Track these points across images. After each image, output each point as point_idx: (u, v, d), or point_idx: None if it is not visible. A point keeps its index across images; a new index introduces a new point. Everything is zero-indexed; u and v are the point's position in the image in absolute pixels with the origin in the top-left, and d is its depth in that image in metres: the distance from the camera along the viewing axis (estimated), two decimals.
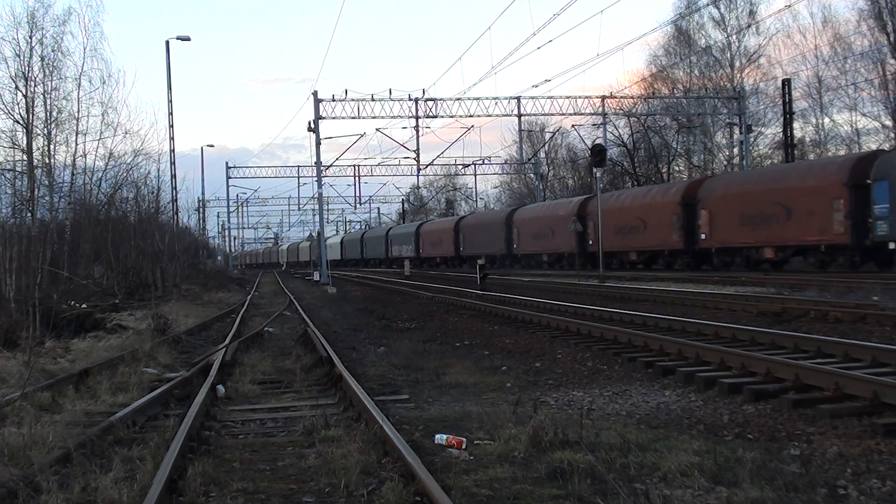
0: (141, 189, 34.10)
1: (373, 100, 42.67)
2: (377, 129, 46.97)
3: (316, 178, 47.06)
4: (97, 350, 13.36)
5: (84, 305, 18.97)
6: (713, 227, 30.72)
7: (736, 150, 50.94)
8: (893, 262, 23.34)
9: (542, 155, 69.79)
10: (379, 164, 62.80)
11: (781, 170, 32.90)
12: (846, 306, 14.30)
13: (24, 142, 26.37)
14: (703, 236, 31.38)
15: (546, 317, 15.65)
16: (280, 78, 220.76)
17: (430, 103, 43.07)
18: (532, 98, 43.64)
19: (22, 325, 13.52)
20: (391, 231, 75.42)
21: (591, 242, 37.71)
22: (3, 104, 26.26)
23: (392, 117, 43.52)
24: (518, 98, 43.58)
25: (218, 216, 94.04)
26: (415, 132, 43.66)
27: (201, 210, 70.66)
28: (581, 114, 46.05)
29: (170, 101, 39.78)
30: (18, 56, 26.50)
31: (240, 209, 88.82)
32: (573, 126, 53.08)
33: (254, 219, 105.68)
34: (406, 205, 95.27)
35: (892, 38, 42.77)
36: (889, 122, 44.37)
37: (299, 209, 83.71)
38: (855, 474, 5.40)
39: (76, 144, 28.53)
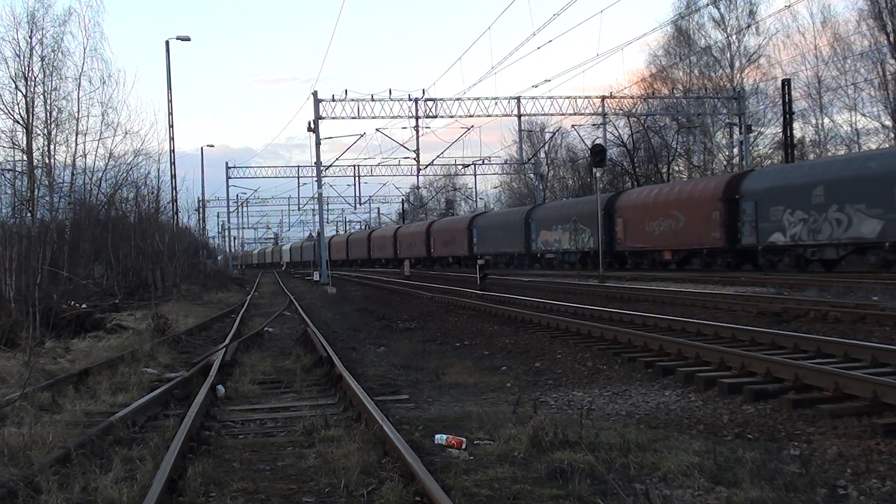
0: (141, 189, 34.12)
1: (373, 100, 42.62)
2: (377, 129, 46.95)
3: (316, 178, 47.04)
4: (97, 350, 13.36)
5: (84, 305, 18.97)
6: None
7: (736, 150, 50.96)
8: (471, 264, 45.39)
9: (542, 155, 69.86)
10: (379, 164, 62.84)
11: (451, 220, 66.29)
12: (846, 306, 14.29)
13: (24, 142, 26.29)
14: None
15: (546, 317, 15.65)
16: (285, 77, 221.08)
17: (430, 103, 43.03)
18: (532, 98, 43.61)
19: (22, 325, 13.52)
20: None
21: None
22: (3, 104, 26.17)
23: (392, 117, 43.49)
24: (518, 98, 43.54)
25: (218, 216, 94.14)
26: (415, 132, 43.62)
27: (201, 210, 70.66)
28: (581, 114, 46.01)
29: (170, 101, 39.88)
30: (18, 56, 26.40)
31: (240, 209, 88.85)
32: (573, 126, 53.14)
33: (254, 219, 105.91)
34: (406, 205, 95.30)
35: (892, 38, 42.76)
36: (889, 122, 44.38)
37: (299, 209, 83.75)
38: (855, 474, 5.40)
39: (76, 144, 28.50)
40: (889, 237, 23.65)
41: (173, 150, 39.34)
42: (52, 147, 27.44)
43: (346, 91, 43.26)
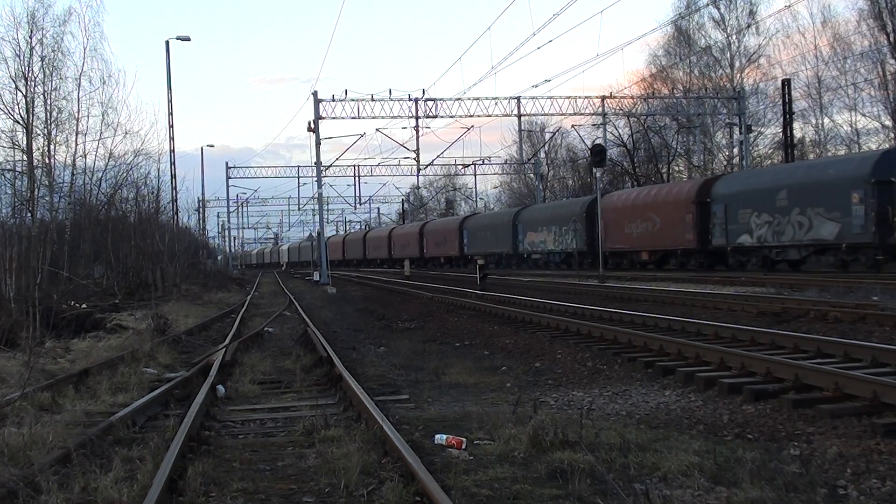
0: (141, 189, 34.16)
1: (373, 100, 42.63)
2: (377, 129, 47.00)
3: (316, 178, 47.06)
4: (97, 350, 13.36)
5: (84, 305, 18.96)
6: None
7: (736, 150, 50.96)
8: (462, 264, 53.58)
9: (542, 155, 69.88)
10: (379, 164, 62.84)
11: (443, 221, 67.66)
12: (846, 306, 14.29)
13: (24, 142, 26.30)
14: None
15: (546, 317, 15.65)
16: (286, 77, 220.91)
17: (430, 103, 43.03)
18: (532, 98, 43.63)
19: (22, 325, 13.52)
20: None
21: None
22: (3, 104, 26.18)
23: (392, 117, 43.51)
24: (518, 98, 43.55)
25: (218, 216, 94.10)
26: (415, 132, 43.64)
27: (201, 210, 70.64)
28: (581, 114, 46.04)
29: (170, 101, 39.87)
30: (18, 56, 26.42)
31: (240, 209, 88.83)
32: (573, 126, 53.21)
33: (254, 219, 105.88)
34: (406, 205, 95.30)
35: (892, 38, 42.76)
36: (889, 122, 44.37)
37: (299, 209, 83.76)
38: (855, 474, 5.40)
39: (76, 144, 28.52)
40: (845, 239, 24.74)
41: (173, 150, 39.38)
42: (52, 147, 27.47)
43: (346, 91, 43.38)
